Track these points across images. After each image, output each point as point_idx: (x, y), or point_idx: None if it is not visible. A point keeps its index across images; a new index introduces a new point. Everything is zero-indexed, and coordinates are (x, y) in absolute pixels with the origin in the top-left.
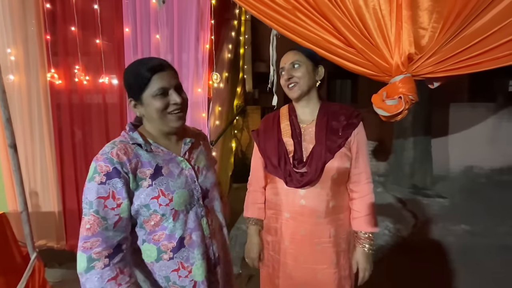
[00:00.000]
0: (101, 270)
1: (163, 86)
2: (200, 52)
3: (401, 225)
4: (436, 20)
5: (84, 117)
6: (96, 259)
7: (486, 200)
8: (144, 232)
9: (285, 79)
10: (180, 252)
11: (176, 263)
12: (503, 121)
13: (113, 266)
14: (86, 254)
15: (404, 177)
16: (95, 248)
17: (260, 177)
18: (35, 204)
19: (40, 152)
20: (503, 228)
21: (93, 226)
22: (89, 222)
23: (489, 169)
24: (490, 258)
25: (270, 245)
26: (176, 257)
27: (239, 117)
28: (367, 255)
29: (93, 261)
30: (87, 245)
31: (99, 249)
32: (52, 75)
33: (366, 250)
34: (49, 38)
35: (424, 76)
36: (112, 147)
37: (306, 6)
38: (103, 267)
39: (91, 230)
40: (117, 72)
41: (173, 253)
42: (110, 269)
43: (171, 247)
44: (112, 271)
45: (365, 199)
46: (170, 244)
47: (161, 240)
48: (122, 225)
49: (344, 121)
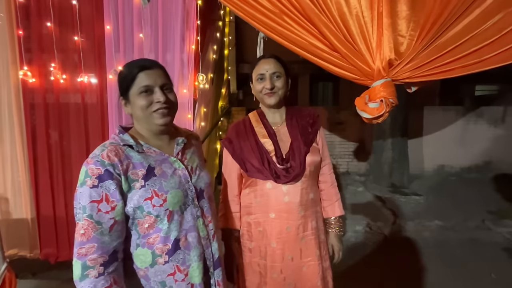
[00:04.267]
0: (95, 279)
1: (147, 84)
2: (185, 53)
3: (381, 222)
4: (413, 28)
5: (60, 118)
6: (90, 266)
7: (457, 196)
8: (137, 236)
9: (267, 87)
10: (175, 254)
11: (172, 267)
12: (470, 123)
13: (108, 275)
14: (81, 261)
15: (383, 176)
16: (90, 254)
17: (233, 186)
18: (5, 210)
19: (11, 155)
20: (471, 223)
21: (88, 231)
22: (83, 228)
23: (459, 167)
24: (461, 251)
25: (254, 252)
26: (172, 260)
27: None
28: (339, 237)
29: (87, 269)
30: (82, 251)
31: (95, 255)
32: (25, 72)
33: (338, 232)
34: (21, 34)
35: (403, 81)
36: (103, 150)
37: (292, 11)
38: (97, 276)
39: (86, 236)
40: (97, 71)
41: (168, 256)
42: (104, 279)
43: (166, 249)
44: (106, 281)
45: (331, 188)
46: (165, 246)
47: (156, 243)
48: (118, 229)
49: (310, 120)
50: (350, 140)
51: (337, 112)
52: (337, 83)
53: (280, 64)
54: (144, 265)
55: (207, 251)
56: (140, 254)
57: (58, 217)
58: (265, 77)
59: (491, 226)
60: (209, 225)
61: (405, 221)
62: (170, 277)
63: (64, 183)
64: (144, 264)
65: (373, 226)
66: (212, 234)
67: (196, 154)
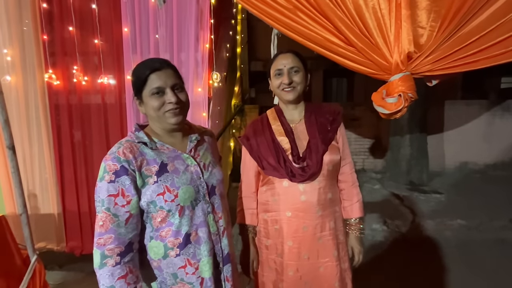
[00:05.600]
0: (112, 267)
1: (159, 85)
2: (199, 52)
3: (399, 221)
4: (434, 19)
5: (83, 118)
6: (108, 256)
7: (481, 195)
8: (151, 229)
9: (285, 82)
10: (186, 248)
11: (183, 260)
12: (496, 118)
13: (124, 265)
14: (100, 250)
15: (401, 173)
16: (108, 245)
17: (250, 183)
18: (34, 206)
19: (39, 154)
20: (497, 223)
21: (106, 223)
22: (101, 219)
23: (483, 164)
24: (486, 252)
25: (270, 249)
26: (183, 253)
27: (237, 116)
28: (359, 239)
29: (105, 258)
30: (101, 241)
31: (112, 246)
32: (50, 75)
33: (358, 234)
34: (46, 38)
35: (422, 74)
36: (119, 147)
37: (307, 6)
38: (114, 264)
39: (104, 227)
40: (115, 72)
41: (179, 249)
42: (120, 268)
43: (177, 243)
44: (123, 270)
45: (352, 188)
46: (177, 240)
47: (168, 236)
48: (133, 222)
49: (330, 117)
50: (366, 137)
51: (352, 108)
52: (352, 79)
53: (298, 58)
54: (157, 256)
55: (217, 246)
56: (153, 246)
57: (82, 212)
58: (283, 72)
59: None
60: (219, 221)
61: (425, 219)
62: (181, 269)
63: (87, 180)
64: (157, 255)
65: (391, 224)
66: (222, 230)
67: (209, 151)
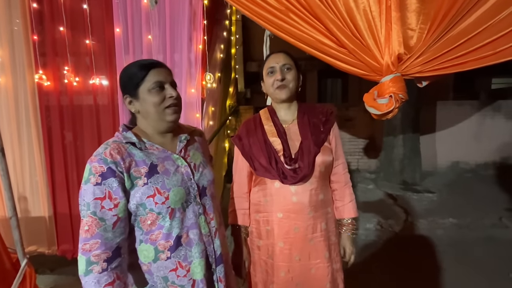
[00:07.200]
0: (98, 274)
1: (160, 80)
2: (193, 52)
3: (393, 220)
4: (423, 21)
5: (74, 119)
6: (94, 262)
7: (472, 194)
8: (141, 232)
9: (278, 79)
10: (177, 251)
11: (173, 263)
12: (487, 118)
13: (111, 271)
14: (85, 256)
15: (394, 173)
16: (94, 250)
17: (243, 183)
18: (24, 209)
19: (29, 156)
20: (488, 221)
21: (91, 228)
22: (87, 224)
23: (475, 164)
24: (476, 249)
25: (262, 250)
26: (174, 256)
27: (232, 117)
28: (352, 240)
29: (91, 264)
30: (86, 247)
31: (98, 251)
32: (40, 76)
33: (350, 235)
34: (36, 38)
35: (413, 76)
36: (105, 148)
37: (298, 7)
38: (101, 271)
39: (90, 232)
40: (107, 73)
41: (170, 252)
42: (107, 274)
43: (168, 246)
44: (110, 276)
45: (345, 188)
46: (167, 243)
47: (158, 239)
48: (121, 226)
49: (323, 118)
50: (360, 137)
51: (346, 109)
52: (346, 79)
53: (290, 57)
54: (147, 260)
55: (209, 248)
56: (143, 250)
57: (73, 215)
58: (275, 69)
59: (509, 224)
60: (211, 222)
61: (418, 218)
62: (172, 272)
63: (79, 182)
64: (147, 259)
65: (384, 224)
66: (214, 231)
67: (199, 150)
